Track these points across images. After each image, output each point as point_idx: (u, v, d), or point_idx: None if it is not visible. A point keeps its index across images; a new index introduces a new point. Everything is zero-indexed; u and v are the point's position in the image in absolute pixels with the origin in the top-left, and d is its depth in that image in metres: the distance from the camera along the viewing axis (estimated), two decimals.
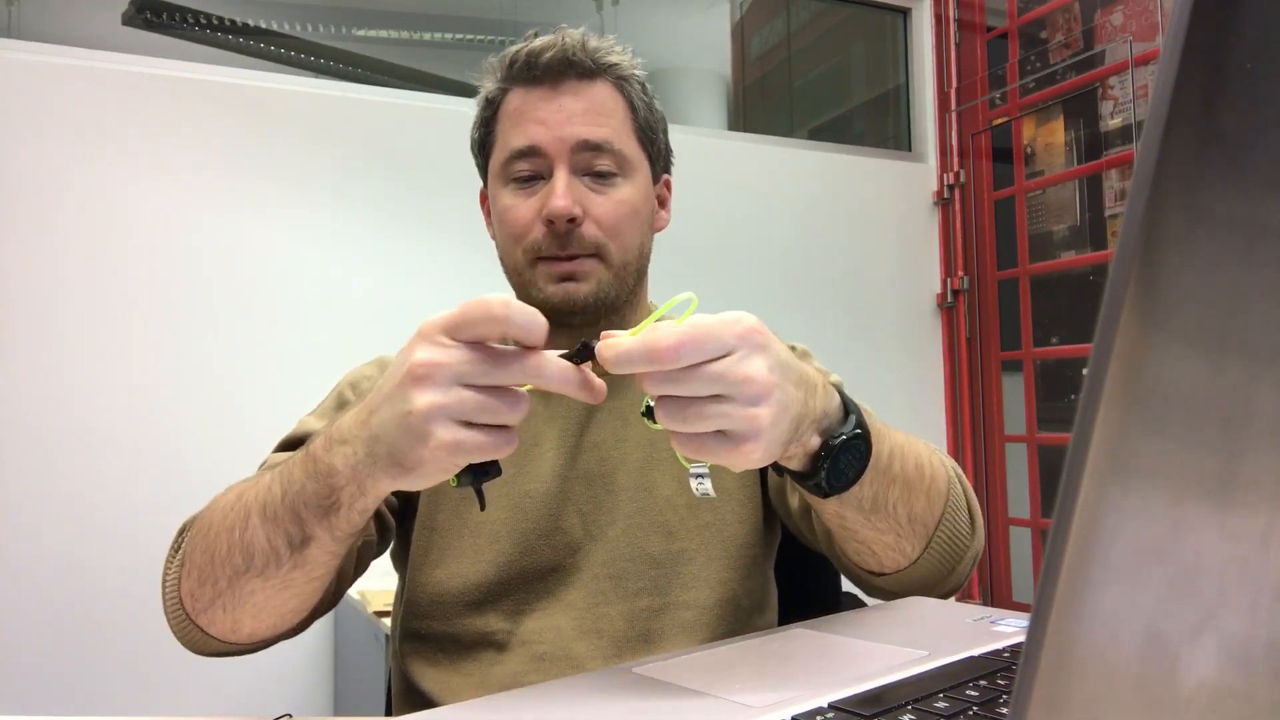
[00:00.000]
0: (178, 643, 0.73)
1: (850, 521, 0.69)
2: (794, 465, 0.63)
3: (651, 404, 0.55)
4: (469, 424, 0.53)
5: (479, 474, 0.56)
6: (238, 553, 0.64)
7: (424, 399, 0.52)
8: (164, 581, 0.73)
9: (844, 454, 0.62)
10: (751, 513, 0.87)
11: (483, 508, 0.59)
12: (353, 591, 1.69)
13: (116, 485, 1.74)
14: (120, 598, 1.71)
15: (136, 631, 1.70)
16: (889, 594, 0.80)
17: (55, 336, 1.72)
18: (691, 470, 0.60)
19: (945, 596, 0.80)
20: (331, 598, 0.75)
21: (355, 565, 0.79)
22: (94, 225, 1.76)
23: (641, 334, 0.53)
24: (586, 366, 0.56)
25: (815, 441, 0.62)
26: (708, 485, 0.60)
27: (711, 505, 0.85)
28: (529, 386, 0.55)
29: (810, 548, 0.87)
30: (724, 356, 0.53)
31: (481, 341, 0.53)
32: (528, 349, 0.54)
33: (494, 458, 0.55)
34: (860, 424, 0.63)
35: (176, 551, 0.74)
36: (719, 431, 0.54)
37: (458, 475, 0.56)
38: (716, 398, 0.53)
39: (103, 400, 1.74)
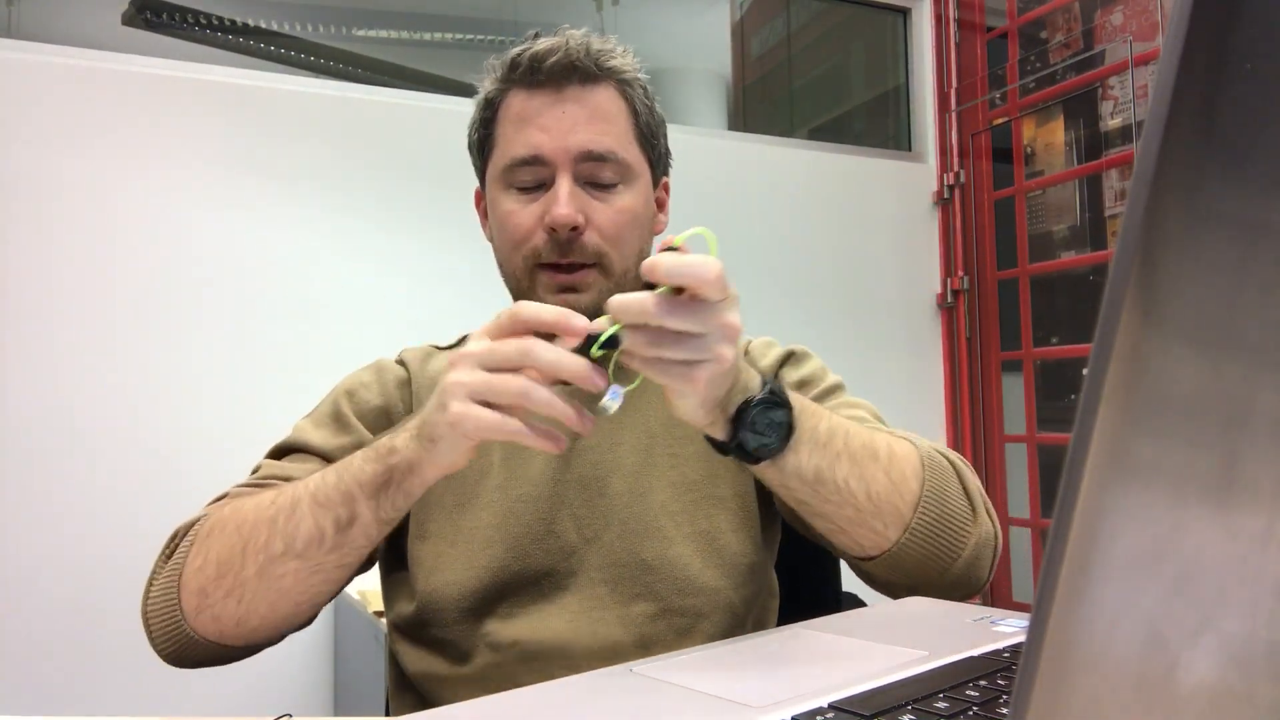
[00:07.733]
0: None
1: (799, 493, 0.71)
2: (717, 432, 0.66)
3: (608, 333, 0.58)
4: (489, 404, 0.61)
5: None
6: (278, 539, 0.69)
7: (449, 378, 0.62)
8: (150, 586, 0.75)
9: (758, 415, 0.65)
10: (746, 521, 0.87)
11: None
12: (353, 592, 1.71)
13: (115, 485, 1.74)
14: (119, 598, 1.70)
15: (136, 632, 1.69)
16: (888, 584, 0.78)
17: (53, 336, 1.72)
18: (612, 389, 0.61)
19: (966, 594, 0.78)
20: (319, 606, 0.77)
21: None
22: (93, 225, 1.76)
23: (689, 257, 0.58)
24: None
25: (734, 409, 0.66)
26: (617, 403, 0.61)
27: (707, 514, 0.85)
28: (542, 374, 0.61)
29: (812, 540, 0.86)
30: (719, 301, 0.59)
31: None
32: (540, 338, 0.60)
33: (500, 437, 0.61)
34: (774, 390, 0.66)
35: (169, 558, 0.75)
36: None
37: None
38: (697, 335, 0.59)
39: (100, 400, 1.74)
